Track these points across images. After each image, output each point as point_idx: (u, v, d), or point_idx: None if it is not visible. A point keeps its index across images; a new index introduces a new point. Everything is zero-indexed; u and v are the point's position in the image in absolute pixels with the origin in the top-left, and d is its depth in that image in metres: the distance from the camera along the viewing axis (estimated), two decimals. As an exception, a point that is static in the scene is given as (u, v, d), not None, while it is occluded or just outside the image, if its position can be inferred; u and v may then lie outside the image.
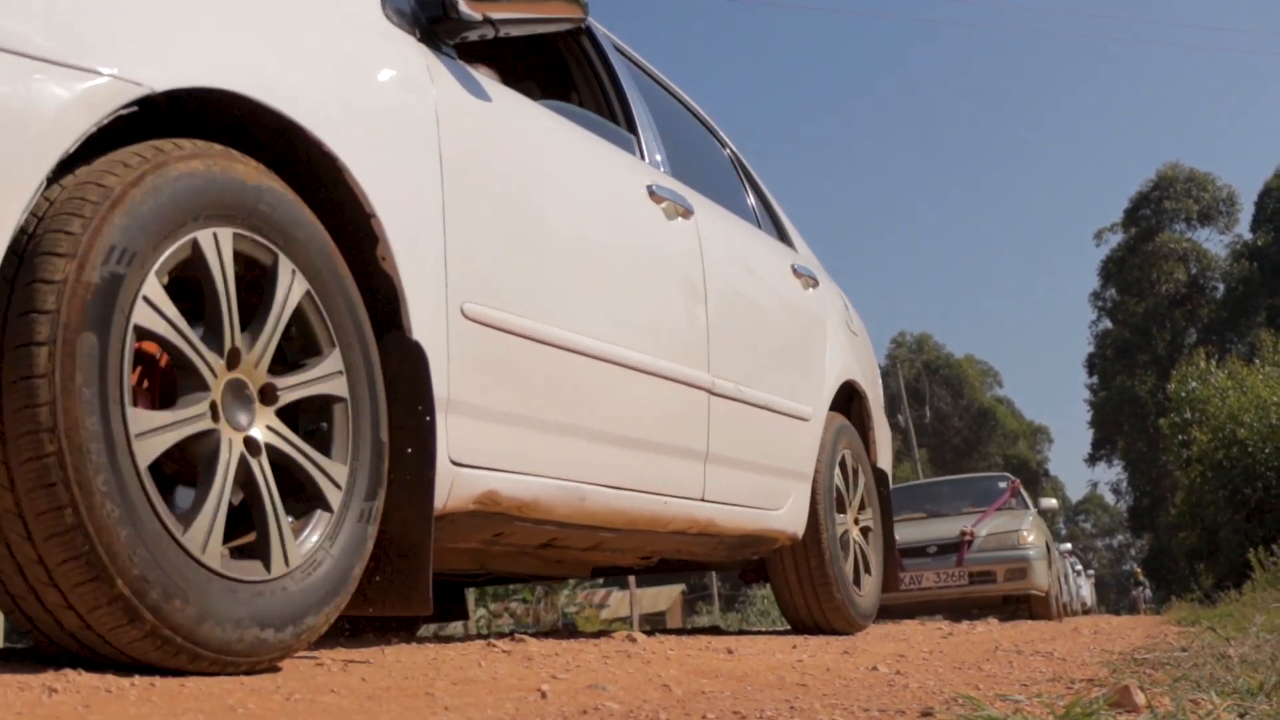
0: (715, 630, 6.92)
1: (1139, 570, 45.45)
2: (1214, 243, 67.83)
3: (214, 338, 2.48)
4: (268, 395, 2.59)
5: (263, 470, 2.53)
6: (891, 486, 6.89)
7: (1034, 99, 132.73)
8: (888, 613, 12.95)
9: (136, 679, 2.27)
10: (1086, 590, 28.13)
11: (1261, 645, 3.99)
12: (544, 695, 2.66)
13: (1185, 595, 20.91)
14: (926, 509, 16.53)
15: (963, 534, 14.79)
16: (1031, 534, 14.83)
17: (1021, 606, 14.62)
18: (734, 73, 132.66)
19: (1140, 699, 2.40)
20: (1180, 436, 20.49)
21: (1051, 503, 18.71)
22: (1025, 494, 17.23)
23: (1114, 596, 68.23)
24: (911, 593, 14.61)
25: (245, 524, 2.56)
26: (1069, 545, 24.35)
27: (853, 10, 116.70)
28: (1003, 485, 16.98)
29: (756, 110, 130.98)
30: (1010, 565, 14.52)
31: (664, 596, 42.30)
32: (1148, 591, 42.59)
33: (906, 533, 14.56)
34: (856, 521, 6.05)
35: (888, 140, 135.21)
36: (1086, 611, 25.81)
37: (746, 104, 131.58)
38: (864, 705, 2.77)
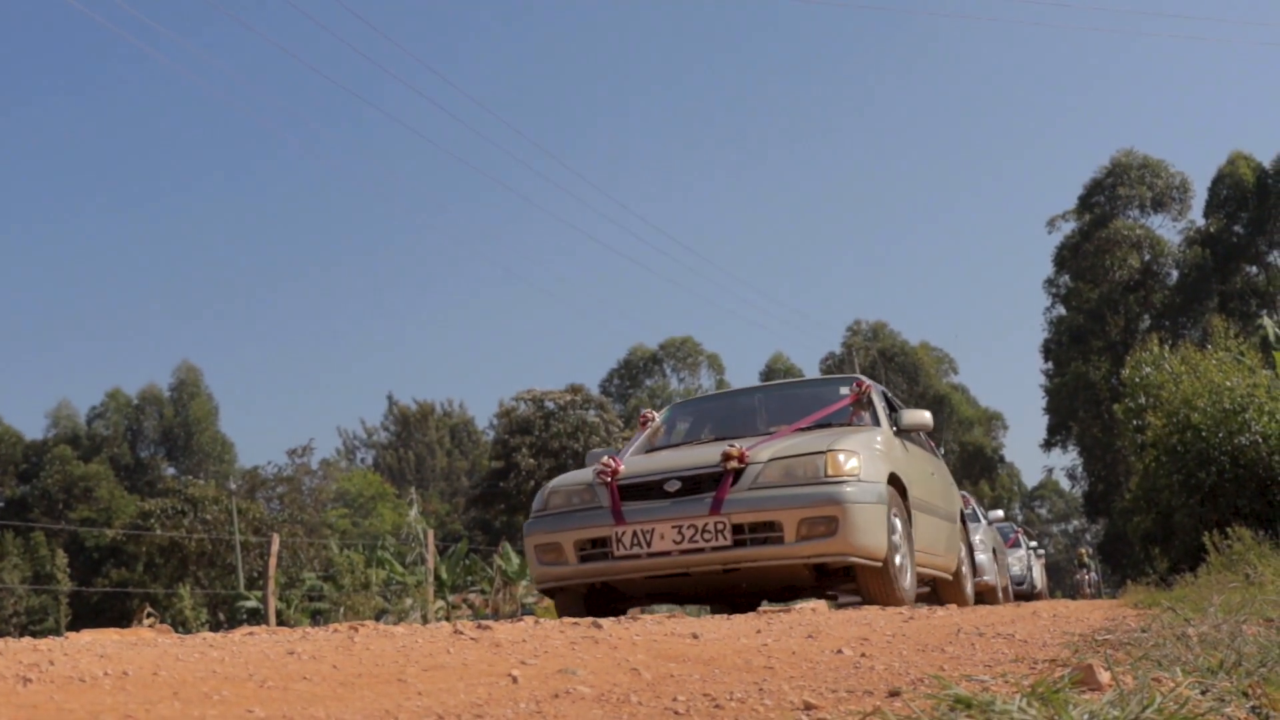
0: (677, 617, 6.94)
1: (1084, 551, 39.78)
2: (1167, 229, 68.16)
3: None
4: None
5: None
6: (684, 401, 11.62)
7: (986, 86, 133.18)
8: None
9: (110, 668, 2.27)
10: (1038, 572, 27.31)
11: (1219, 625, 4.03)
12: (515, 680, 2.67)
13: (1140, 579, 21.04)
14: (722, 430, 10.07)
15: (725, 458, 8.14)
16: (854, 458, 8.16)
17: (844, 583, 8.60)
18: (684, 55, 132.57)
19: (1104, 677, 2.44)
20: (1134, 422, 20.59)
21: (921, 416, 9.92)
22: (884, 406, 10.14)
23: (1069, 581, 68.62)
24: (631, 562, 8.13)
25: None
26: (1000, 512, 21.58)
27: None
28: (843, 391, 10.28)
29: (708, 91, 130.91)
30: (807, 511, 7.88)
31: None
32: (1093, 574, 38.78)
33: (646, 463, 8.76)
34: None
35: (841, 128, 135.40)
36: (1037, 595, 25.44)
37: (694, 85, 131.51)
38: (831, 686, 2.79)
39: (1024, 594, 24.16)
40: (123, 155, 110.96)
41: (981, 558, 16.55)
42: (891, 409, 10.26)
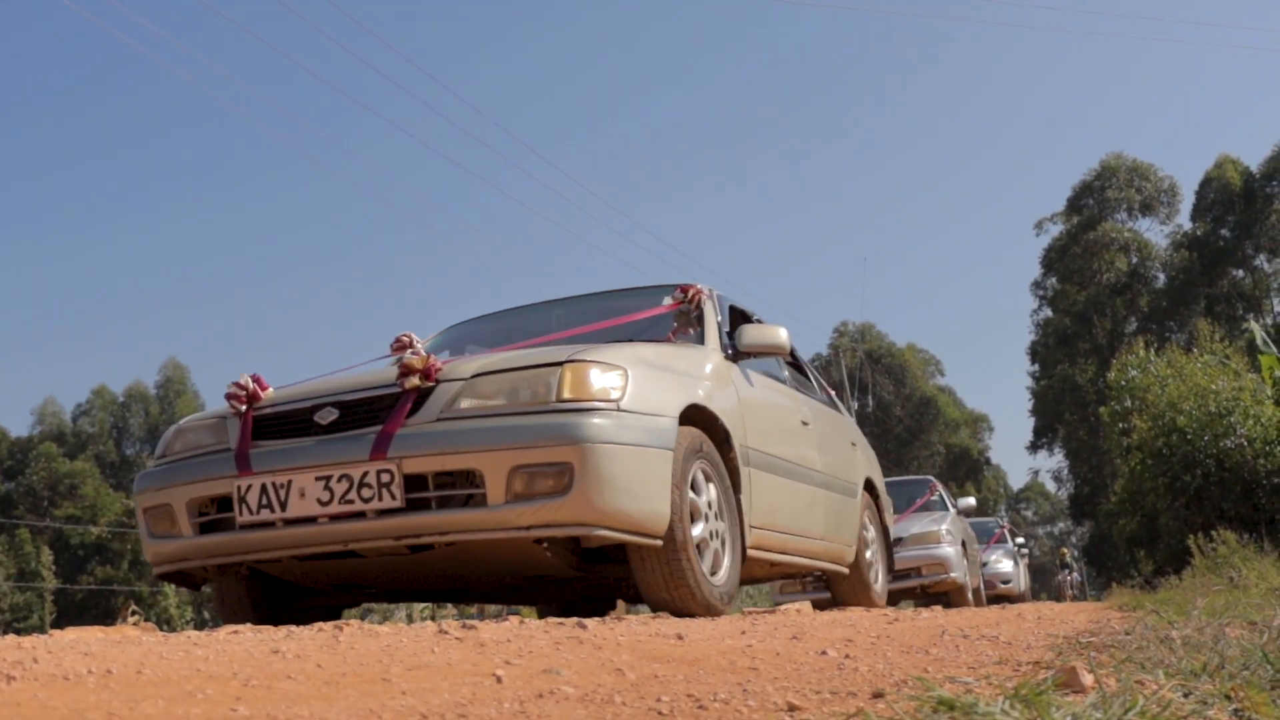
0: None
1: (1065, 551, 37.73)
2: (1155, 232, 68.39)
3: None
4: None
5: None
6: None
7: (976, 88, 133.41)
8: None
9: (94, 666, 2.27)
10: (1021, 572, 25.96)
11: (1203, 628, 4.05)
12: (499, 680, 2.68)
13: (1126, 581, 21.09)
14: None
15: (405, 371, 11.77)
16: (613, 374, 7.67)
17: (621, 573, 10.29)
18: (675, 58, 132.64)
19: (1087, 679, 2.45)
20: (1120, 424, 20.65)
21: (769, 334, 11.70)
22: (722, 321, 11.57)
23: (1053, 583, 68.76)
24: (262, 533, 8.22)
25: None
26: (972, 500, 18.81)
27: None
28: (666, 300, 8.93)
29: (696, 95, 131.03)
30: (523, 454, 9.25)
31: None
32: (1075, 575, 36.89)
33: (304, 387, 9.34)
34: None
35: (831, 129, 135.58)
36: (1019, 597, 24.39)
37: (684, 89, 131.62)
38: (815, 688, 2.80)
39: (1011, 595, 23.16)
40: (112, 152, 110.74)
41: (946, 551, 15.53)
42: (737, 326, 7.63)
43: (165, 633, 3.30)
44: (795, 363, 9.09)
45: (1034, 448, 71.08)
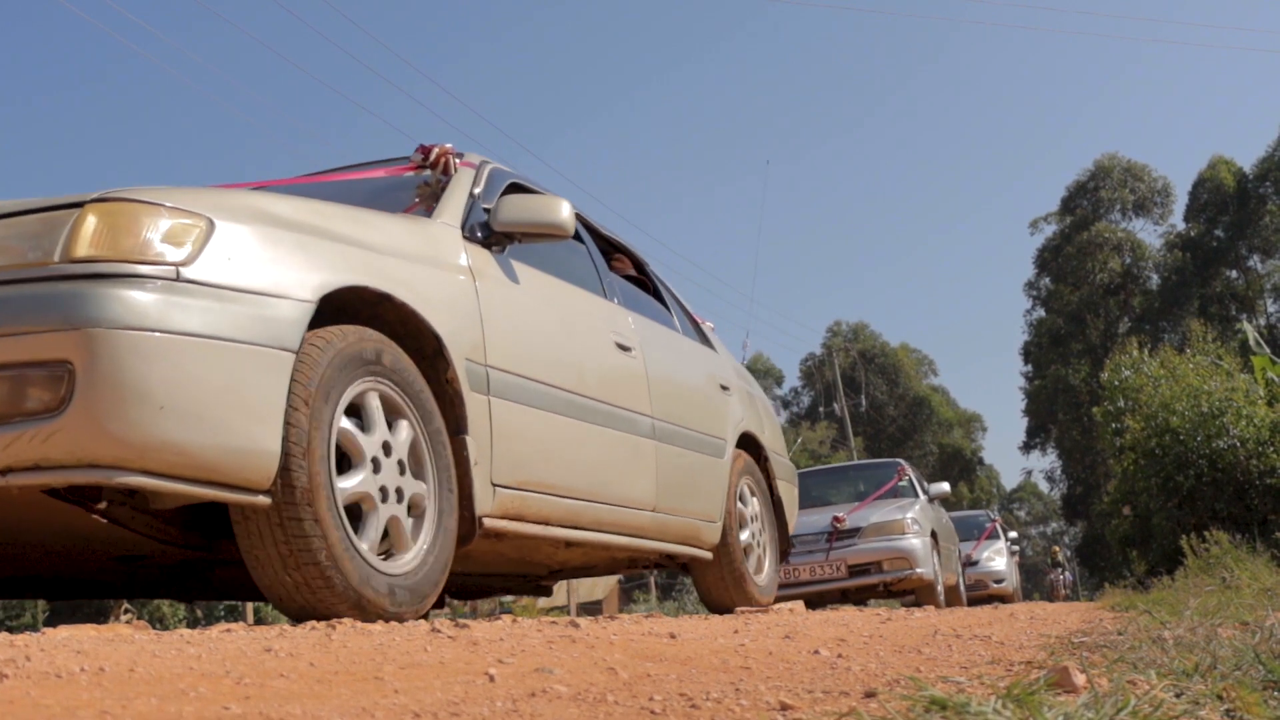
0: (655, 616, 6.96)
1: (1057, 550, 37.07)
2: (1148, 233, 68.46)
3: None
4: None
5: None
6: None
7: (971, 88, 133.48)
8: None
9: (87, 664, 2.27)
10: (1013, 570, 24.47)
11: (1195, 628, 4.06)
12: (492, 678, 2.68)
13: (1118, 582, 21.09)
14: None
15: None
16: (168, 221, 9.50)
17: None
18: (668, 58, 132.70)
19: (1079, 679, 2.45)
20: (1113, 425, 20.63)
21: (534, 208, 14.17)
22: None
23: (1045, 582, 68.85)
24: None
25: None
26: (945, 486, 17.09)
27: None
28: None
29: (691, 95, 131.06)
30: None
31: (601, 585, 42.24)
32: (1067, 574, 35.96)
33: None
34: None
35: (824, 129, 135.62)
36: (1010, 596, 23.09)
37: (678, 89, 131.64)
38: (808, 687, 2.80)
39: (1004, 595, 22.52)
40: (102, 148, 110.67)
41: (911, 543, 13.83)
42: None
43: (158, 631, 3.29)
44: (642, 279, 7.58)
45: (1027, 448, 71.19)
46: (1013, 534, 27.15)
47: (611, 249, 7.43)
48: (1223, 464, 16.99)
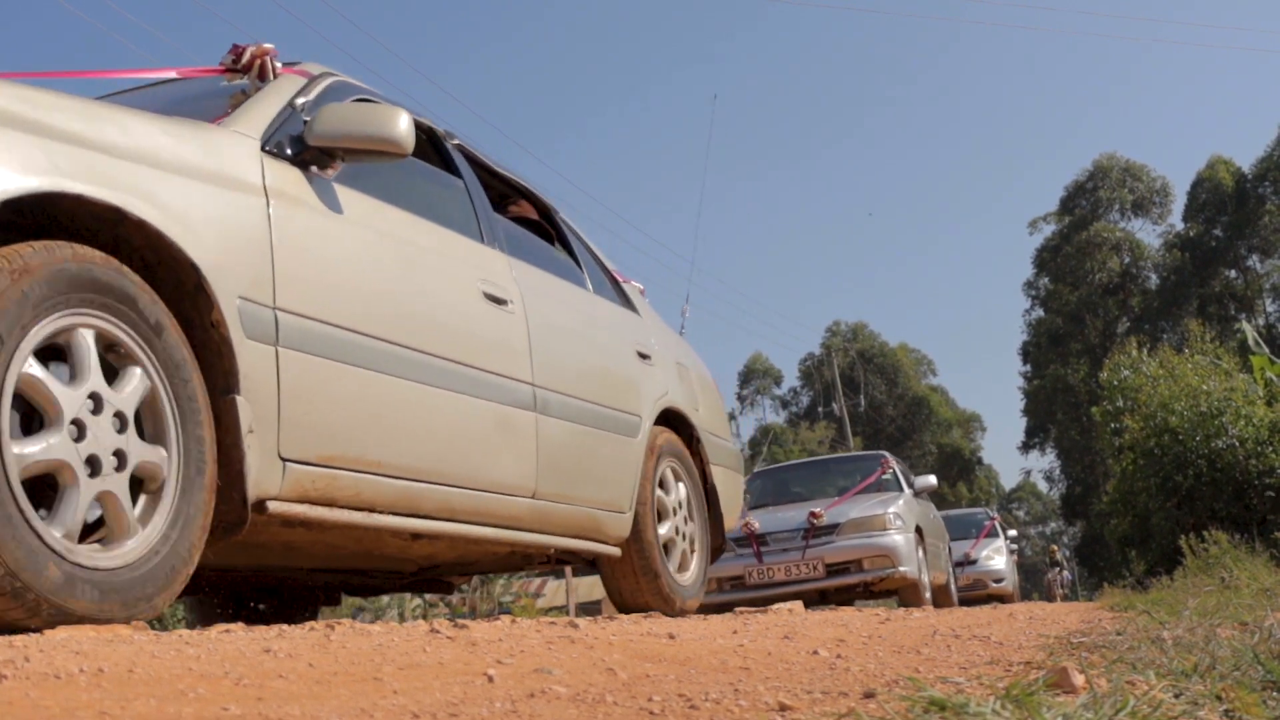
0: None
1: (1055, 549, 36.02)
2: (1147, 233, 68.51)
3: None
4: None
5: None
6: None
7: (970, 87, 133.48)
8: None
9: (86, 665, 2.27)
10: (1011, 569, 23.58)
11: (1194, 628, 4.06)
12: (491, 679, 2.68)
13: (1118, 582, 21.09)
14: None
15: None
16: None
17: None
18: (664, 56, 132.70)
19: (1078, 680, 2.45)
20: (1112, 424, 20.64)
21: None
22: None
23: (1044, 582, 68.82)
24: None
25: None
26: (932, 479, 16.31)
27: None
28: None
29: (687, 94, 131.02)
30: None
31: (600, 585, 42.12)
32: (1066, 574, 35.36)
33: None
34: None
35: (823, 129, 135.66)
36: (1009, 597, 22.34)
37: (674, 88, 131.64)
38: (807, 687, 2.80)
39: (1004, 594, 22.09)
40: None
41: (894, 539, 12.90)
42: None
43: (157, 631, 3.29)
44: (549, 227, 6.73)
45: (1026, 448, 71.21)
46: (1012, 532, 26.70)
47: (511, 191, 6.60)
48: (1221, 464, 17.01)
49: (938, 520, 16.13)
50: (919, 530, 13.74)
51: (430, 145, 5.64)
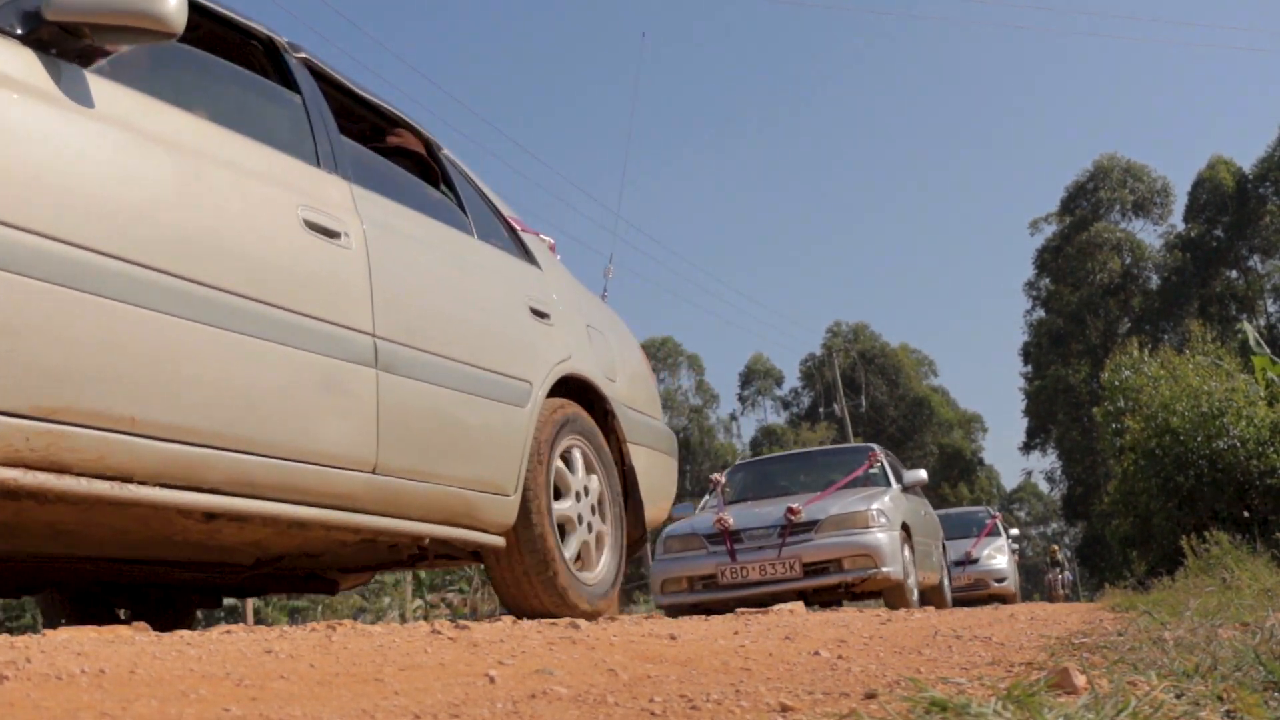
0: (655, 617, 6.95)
1: (1056, 549, 35.15)
2: (1148, 233, 68.50)
3: None
4: None
5: None
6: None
7: (970, 88, 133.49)
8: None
9: (87, 666, 2.27)
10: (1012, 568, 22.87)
11: (1196, 629, 4.05)
12: (492, 680, 2.68)
13: (1119, 582, 21.08)
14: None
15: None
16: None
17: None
18: (660, 49, 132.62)
19: (1080, 680, 2.45)
20: (1113, 425, 20.63)
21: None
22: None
23: (1045, 582, 68.76)
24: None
25: None
26: (923, 473, 14.75)
27: None
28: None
29: (686, 89, 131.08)
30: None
31: (601, 585, 41.96)
32: (1067, 574, 34.37)
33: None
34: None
35: (823, 128, 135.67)
36: (1010, 598, 21.65)
37: (673, 83, 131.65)
38: (808, 688, 2.80)
39: (1006, 595, 21.51)
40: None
41: (876, 538, 11.78)
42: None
43: (158, 632, 3.29)
44: (433, 166, 5.86)
45: (1027, 448, 71.19)
46: (1014, 531, 26.22)
47: (383, 121, 5.76)
48: (1223, 464, 17.00)
49: (930, 517, 15.21)
50: (906, 528, 12.70)
51: (267, 57, 4.82)
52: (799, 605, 6.94)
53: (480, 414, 4.93)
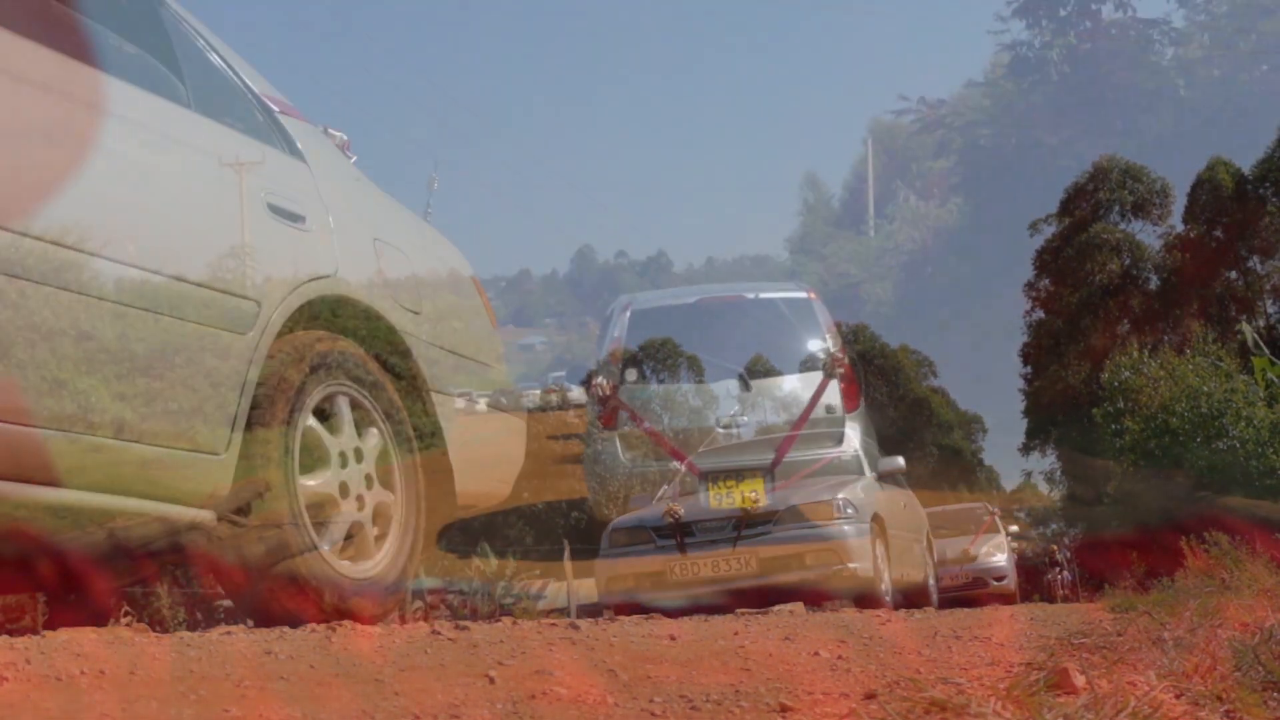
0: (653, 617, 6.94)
1: (1055, 549, 34.83)
2: (1147, 234, 68.44)
3: None
4: None
5: None
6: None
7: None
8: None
9: (87, 667, 2.27)
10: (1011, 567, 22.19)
11: (1194, 629, 4.06)
12: (492, 681, 2.68)
13: (1119, 582, 21.06)
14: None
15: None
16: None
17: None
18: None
19: (1079, 680, 2.45)
20: (1113, 426, 20.64)
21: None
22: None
23: (1044, 581, 68.69)
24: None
25: None
26: (901, 460, 13.22)
27: None
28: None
29: (692, 87, 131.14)
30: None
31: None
32: (1066, 574, 33.64)
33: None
34: None
35: (820, 131, 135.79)
36: (1012, 597, 20.59)
37: (683, 81, 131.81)
38: (808, 689, 2.80)
39: (1006, 593, 20.19)
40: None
41: (843, 530, 10.46)
42: None
43: (158, 633, 3.29)
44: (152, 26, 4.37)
45: (1027, 449, 71.16)
46: (1014, 528, 25.69)
47: None
48: (1222, 465, 17.01)
49: (913, 510, 13.74)
50: (879, 520, 11.23)
51: None
52: (799, 606, 6.84)
53: (167, 340, 3.61)
